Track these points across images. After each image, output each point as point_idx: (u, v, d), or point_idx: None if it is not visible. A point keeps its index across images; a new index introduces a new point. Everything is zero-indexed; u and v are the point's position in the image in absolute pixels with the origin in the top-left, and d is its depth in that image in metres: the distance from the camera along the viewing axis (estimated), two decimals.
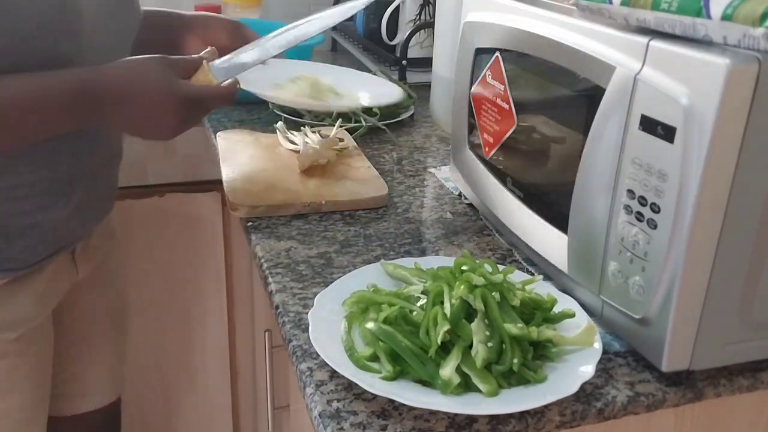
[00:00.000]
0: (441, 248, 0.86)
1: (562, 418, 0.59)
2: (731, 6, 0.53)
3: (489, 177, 0.88)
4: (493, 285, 0.62)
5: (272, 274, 0.78)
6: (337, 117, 1.25)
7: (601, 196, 0.64)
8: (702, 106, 0.53)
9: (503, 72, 0.81)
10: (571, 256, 0.70)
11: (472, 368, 0.58)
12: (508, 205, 0.83)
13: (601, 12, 0.64)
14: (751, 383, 0.64)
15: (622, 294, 0.64)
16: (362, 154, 1.09)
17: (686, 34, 0.57)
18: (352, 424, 0.56)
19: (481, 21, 0.84)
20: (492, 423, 0.57)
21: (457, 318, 0.59)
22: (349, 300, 0.67)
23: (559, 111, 0.74)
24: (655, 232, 0.58)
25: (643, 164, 0.59)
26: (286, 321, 0.70)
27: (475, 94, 0.88)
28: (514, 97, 0.80)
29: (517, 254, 0.84)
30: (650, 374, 0.64)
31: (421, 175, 1.08)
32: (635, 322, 0.63)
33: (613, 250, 0.64)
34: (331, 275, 0.78)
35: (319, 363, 0.63)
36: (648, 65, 0.58)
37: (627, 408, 0.61)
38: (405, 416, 0.57)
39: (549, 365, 0.61)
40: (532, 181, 0.79)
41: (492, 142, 0.86)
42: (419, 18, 1.55)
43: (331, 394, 0.60)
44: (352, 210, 0.94)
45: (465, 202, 0.98)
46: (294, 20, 0.89)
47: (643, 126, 0.59)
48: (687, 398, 0.63)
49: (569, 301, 0.68)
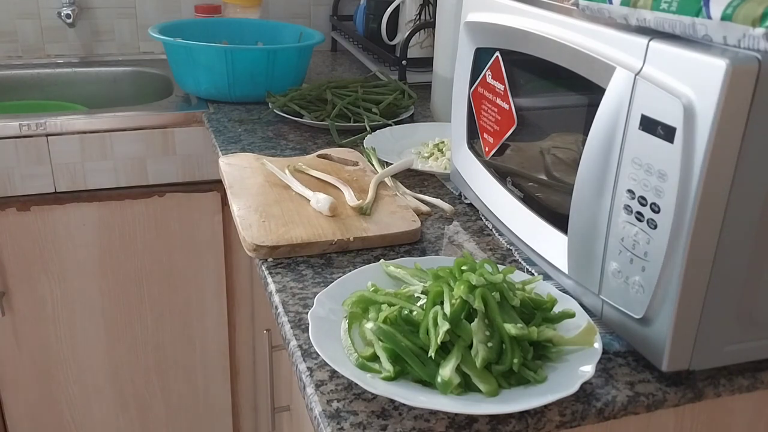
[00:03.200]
0: (441, 248, 0.86)
1: (562, 418, 0.59)
2: (731, 6, 0.53)
3: (489, 177, 0.88)
4: (493, 285, 0.62)
5: (272, 274, 0.78)
6: (336, 116, 1.25)
7: (601, 196, 0.64)
8: (702, 106, 0.53)
9: (503, 72, 0.81)
10: (571, 256, 0.70)
11: (472, 368, 0.58)
12: (508, 205, 0.83)
13: (601, 12, 0.64)
14: (751, 383, 0.64)
15: (622, 294, 0.64)
16: (378, 173, 0.99)
17: (686, 34, 0.57)
18: (352, 424, 0.56)
19: (481, 21, 0.84)
20: (492, 423, 0.57)
21: (457, 318, 0.59)
22: (349, 300, 0.67)
23: (559, 111, 0.74)
24: (655, 232, 0.58)
25: (643, 164, 0.59)
26: (286, 321, 0.70)
27: (475, 94, 0.88)
28: (514, 97, 0.80)
29: (517, 254, 0.84)
30: (650, 374, 0.64)
31: (421, 174, 1.08)
32: (635, 322, 0.63)
33: (613, 250, 0.64)
34: (331, 275, 0.78)
35: (319, 363, 0.63)
36: (648, 65, 0.58)
37: (627, 408, 0.61)
38: (405, 416, 0.57)
39: (549, 365, 0.61)
40: (532, 181, 0.79)
41: (492, 142, 0.86)
42: (419, 18, 1.55)
43: (331, 394, 0.60)
44: (383, 247, 0.85)
45: (465, 202, 0.98)
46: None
47: (643, 126, 0.59)
48: (687, 398, 0.63)
49: (569, 301, 0.68)
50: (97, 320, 1.46)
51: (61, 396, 1.49)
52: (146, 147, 1.36)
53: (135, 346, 1.51)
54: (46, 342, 1.44)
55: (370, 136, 1.17)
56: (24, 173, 1.31)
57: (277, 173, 0.98)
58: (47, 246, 1.38)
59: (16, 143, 1.29)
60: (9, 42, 1.73)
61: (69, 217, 1.37)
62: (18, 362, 1.44)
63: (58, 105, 1.56)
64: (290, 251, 0.81)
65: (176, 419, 1.60)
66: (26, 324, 1.42)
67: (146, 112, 1.38)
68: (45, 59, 1.75)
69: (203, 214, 1.45)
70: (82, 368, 1.49)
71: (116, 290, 1.45)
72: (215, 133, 1.24)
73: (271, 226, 0.84)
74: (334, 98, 1.31)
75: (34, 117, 1.30)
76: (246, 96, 1.40)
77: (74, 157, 1.33)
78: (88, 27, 1.78)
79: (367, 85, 1.40)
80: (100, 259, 1.42)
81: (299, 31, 1.57)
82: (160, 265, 1.46)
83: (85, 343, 1.47)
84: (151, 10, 1.80)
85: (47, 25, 1.74)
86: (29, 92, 1.68)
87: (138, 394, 1.55)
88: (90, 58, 1.78)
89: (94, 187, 1.37)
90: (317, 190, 0.92)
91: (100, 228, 1.40)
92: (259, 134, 1.23)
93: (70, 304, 1.43)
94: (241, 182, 0.97)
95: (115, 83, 1.73)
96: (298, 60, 1.43)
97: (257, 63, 1.36)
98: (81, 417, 1.53)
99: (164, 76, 1.67)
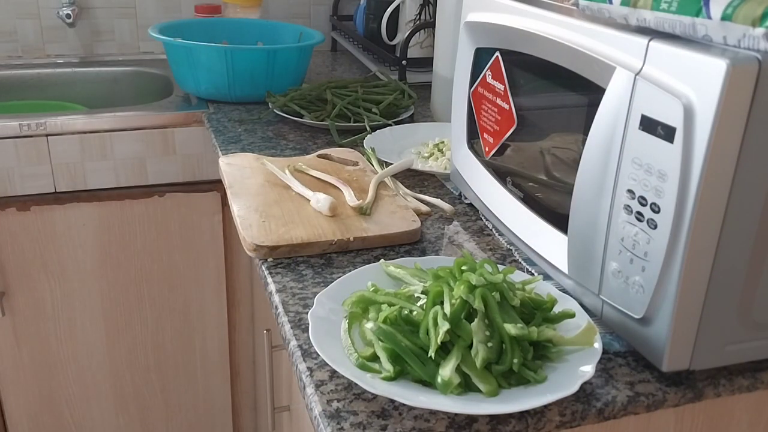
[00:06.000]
0: (441, 248, 0.86)
1: (562, 418, 0.59)
2: (731, 6, 0.53)
3: (489, 177, 0.88)
4: (493, 285, 0.61)
5: (272, 274, 0.78)
6: (336, 116, 1.25)
7: (601, 196, 0.64)
8: (702, 106, 0.53)
9: (503, 72, 0.81)
10: (571, 256, 0.70)
11: (472, 368, 0.58)
12: (508, 205, 0.83)
13: (601, 12, 0.64)
14: (751, 383, 0.64)
15: (622, 294, 0.64)
16: (378, 173, 0.99)
17: (686, 34, 0.57)
18: (352, 424, 0.56)
19: (481, 21, 0.84)
20: (492, 423, 0.57)
21: (457, 318, 0.59)
22: (349, 300, 0.67)
23: (559, 111, 0.74)
24: (655, 232, 0.58)
25: (643, 164, 0.59)
26: (286, 321, 0.70)
27: (475, 94, 0.88)
28: (514, 97, 0.80)
29: (517, 254, 0.84)
30: (650, 374, 0.64)
31: (421, 174, 1.08)
32: (635, 322, 0.63)
33: (613, 250, 0.64)
34: (331, 275, 0.78)
35: (319, 363, 0.63)
36: (648, 65, 0.58)
37: (627, 408, 0.61)
38: (405, 416, 0.57)
39: (549, 365, 0.61)
40: (532, 181, 0.79)
41: (492, 142, 0.86)
42: (419, 18, 1.55)
43: (331, 394, 0.60)
44: (383, 247, 0.85)
45: (465, 202, 0.98)
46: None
47: (643, 126, 0.59)
48: (687, 398, 0.63)
49: (569, 301, 0.68)
50: (97, 320, 1.46)
51: (61, 396, 1.49)
52: (146, 147, 1.36)
53: (135, 346, 1.51)
54: (46, 342, 1.44)
55: (370, 136, 1.17)
56: (24, 173, 1.31)
57: (277, 173, 0.98)
58: (47, 246, 1.38)
59: (16, 143, 1.29)
60: (9, 42, 1.73)
61: (69, 217, 1.37)
62: (18, 362, 1.44)
63: (58, 105, 1.56)
64: (290, 251, 0.81)
65: (176, 419, 1.60)
66: (26, 324, 1.42)
67: (146, 112, 1.38)
68: (45, 59, 1.75)
69: (203, 214, 1.45)
70: (82, 368, 1.49)
71: (116, 290, 1.45)
72: (215, 133, 1.24)
73: (271, 226, 0.84)
74: (334, 98, 1.31)
75: (34, 117, 1.30)
76: (246, 96, 1.40)
77: (74, 157, 1.33)
78: (88, 27, 1.78)
79: (367, 85, 1.40)
80: (100, 259, 1.42)
81: (299, 31, 1.57)
82: (160, 265, 1.46)
83: (85, 343, 1.47)
84: (151, 10, 1.80)
85: (47, 25, 1.74)
86: (29, 92, 1.68)
87: (138, 394, 1.55)
88: (90, 58, 1.78)
89: (94, 187, 1.37)
90: (317, 190, 0.92)
91: (100, 228, 1.40)
92: (259, 134, 1.23)
93: (70, 304, 1.43)
94: (241, 182, 0.97)
95: (115, 83, 1.73)
96: (298, 60, 1.43)
97: (257, 63, 1.36)
98: (81, 417, 1.53)
99: (164, 76, 1.67)
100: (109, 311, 1.46)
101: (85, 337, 1.46)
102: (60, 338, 1.45)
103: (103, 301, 1.45)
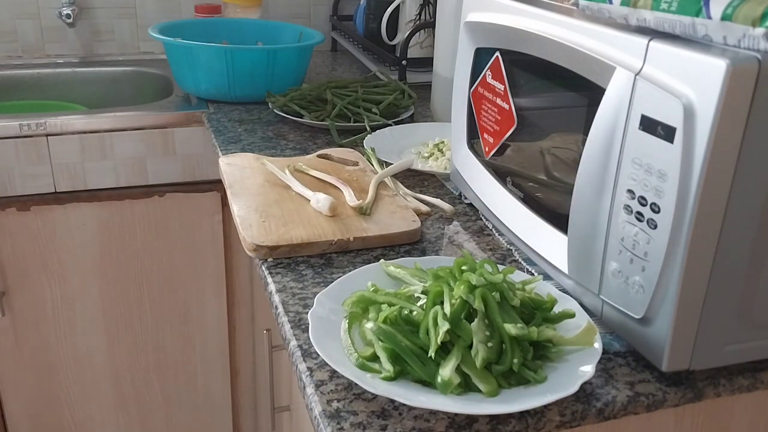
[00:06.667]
0: (441, 248, 0.86)
1: (562, 418, 0.59)
2: (731, 6, 0.53)
3: (489, 177, 0.88)
4: (493, 285, 0.61)
5: (272, 274, 0.78)
6: (336, 116, 1.25)
7: (601, 196, 0.64)
8: (702, 106, 0.53)
9: (503, 72, 0.81)
10: (571, 256, 0.70)
11: (472, 368, 0.58)
12: (508, 205, 0.83)
13: (601, 12, 0.64)
14: (751, 383, 0.64)
15: (622, 294, 0.64)
16: (378, 173, 0.99)
17: (686, 34, 0.57)
18: (352, 424, 0.56)
19: (481, 21, 0.84)
20: (492, 423, 0.57)
21: (457, 318, 0.59)
22: (349, 300, 0.66)
23: (559, 111, 0.74)
24: (655, 232, 0.58)
25: (643, 164, 0.59)
26: (286, 321, 0.70)
27: (475, 94, 0.88)
28: (514, 97, 0.80)
29: (517, 254, 0.84)
30: (650, 374, 0.64)
31: (421, 174, 1.08)
32: (635, 322, 0.63)
33: (613, 250, 0.64)
34: (331, 275, 0.78)
35: (319, 363, 0.63)
36: (648, 65, 0.58)
37: (627, 408, 0.61)
38: (405, 416, 0.57)
39: (549, 365, 0.61)
40: (532, 181, 0.79)
41: (492, 142, 0.86)
42: (419, 18, 1.55)
43: (331, 394, 0.60)
44: (383, 247, 0.85)
45: (465, 202, 0.98)
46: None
47: (643, 126, 0.59)
48: (687, 398, 0.63)
49: (569, 301, 0.68)
50: (97, 320, 1.46)
51: (61, 396, 1.49)
52: (146, 147, 1.36)
53: (135, 346, 1.51)
54: (46, 342, 1.44)
55: (370, 136, 1.17)
56: (24, 173, 1.31)
57: (277, 173, 0.98)
58: (47, 246, 1.38)
59: (16, 143, 1.29)
60: (9, 42, 1.73)
61: (69, 217, 1.37)
62: (18, 362, 1.44)
63: (58, 105, 1.56)
64: (290, 251, 0.81)
65: (176, 419, 1.60)
66: (26, 324, 1.42)
67: (146, 112, 1.38)
68: (45, 59, 1.75)
69: (203, 214, 1.45)
70: (82, 368, 1.48)
71: (116, 290, 1.45)
72: (215, 133, 1.24)
73: (271, 226, 0.84)
74: (334, 98, 1.31)
75: (34, 117, 1.30)
76: (246, 96, 1.40)
77: (74, 157, 1.33)
78: (88, 27, 1.78)
79: (367, 85, 1.40)
80: (100, 259, 1.42)
81: (299, 31, 1.57)
82: (160, 265, 1.46)
83: (85, 343, 1.47)
84: (151, 10, 1.80)
85: (47, 24, 1.74)
86: (29, 92, 1.68)
87: (138, 394, 1.55)
88: (90, 58, 1.78)
89: (94, 187, 1.37)
90: (317, 190, 0.92)
91: (100, 228, 1.40)
92: (259, 134, 1.23)
93: (70, 304, 1.43)
94: (241, 182, 0.97)
95: (115, 83, 1.73)
96: (298, 60, 1.43)
97: (257, 63, 1.36)
98: (81, 417, 1.53)
99: (164, 76, 1.67)
100: (109, 311, 1.46)
101: (85, 337, 1.46)
102: (60, 338, 1.45)
103: (103, 301, 1.45)
